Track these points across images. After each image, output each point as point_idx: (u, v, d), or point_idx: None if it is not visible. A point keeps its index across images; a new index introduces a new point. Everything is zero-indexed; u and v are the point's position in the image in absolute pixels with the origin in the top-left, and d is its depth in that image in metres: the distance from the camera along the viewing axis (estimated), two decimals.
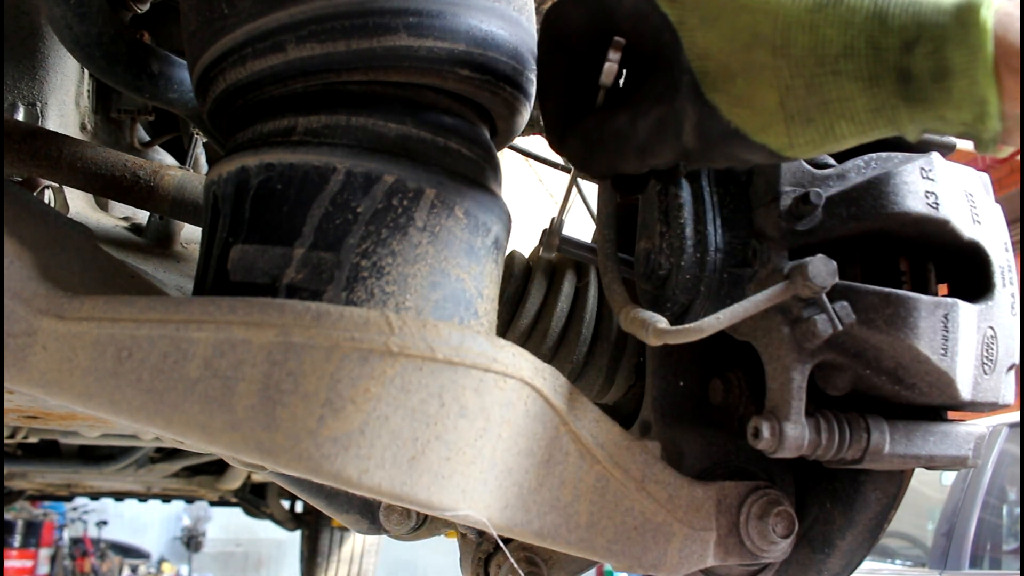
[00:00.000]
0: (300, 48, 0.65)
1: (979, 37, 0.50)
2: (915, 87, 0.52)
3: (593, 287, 0.97)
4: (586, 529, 0.65)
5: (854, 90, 0.53)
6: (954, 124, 0.53)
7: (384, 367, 0.56)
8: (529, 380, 0.61)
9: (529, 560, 0.84)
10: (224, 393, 0.56)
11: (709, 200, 0.74)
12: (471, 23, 0.66)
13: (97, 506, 9.49)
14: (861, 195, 0.71)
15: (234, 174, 0.67)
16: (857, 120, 0.53)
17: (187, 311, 0.58)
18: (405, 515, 0.93)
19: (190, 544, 10.77)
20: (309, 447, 0.56)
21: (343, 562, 4.27)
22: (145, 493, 4.87)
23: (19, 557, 8.86)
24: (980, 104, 0.50)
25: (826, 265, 0.65)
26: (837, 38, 0.52)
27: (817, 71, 0.53)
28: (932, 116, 0.53)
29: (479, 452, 0.60)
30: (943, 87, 0.51)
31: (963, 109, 0.51)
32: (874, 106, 0.53)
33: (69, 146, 0.93)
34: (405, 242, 0.65)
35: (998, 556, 3.57)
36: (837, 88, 0.53)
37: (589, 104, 0.67)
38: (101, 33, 0.91)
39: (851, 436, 0.72)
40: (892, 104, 0.52)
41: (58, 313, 0.61)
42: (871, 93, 0.52)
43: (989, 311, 0.75)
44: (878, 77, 0.52)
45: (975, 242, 0.75)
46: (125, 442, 2.59)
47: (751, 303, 0.66)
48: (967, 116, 0.51)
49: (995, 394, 0.75)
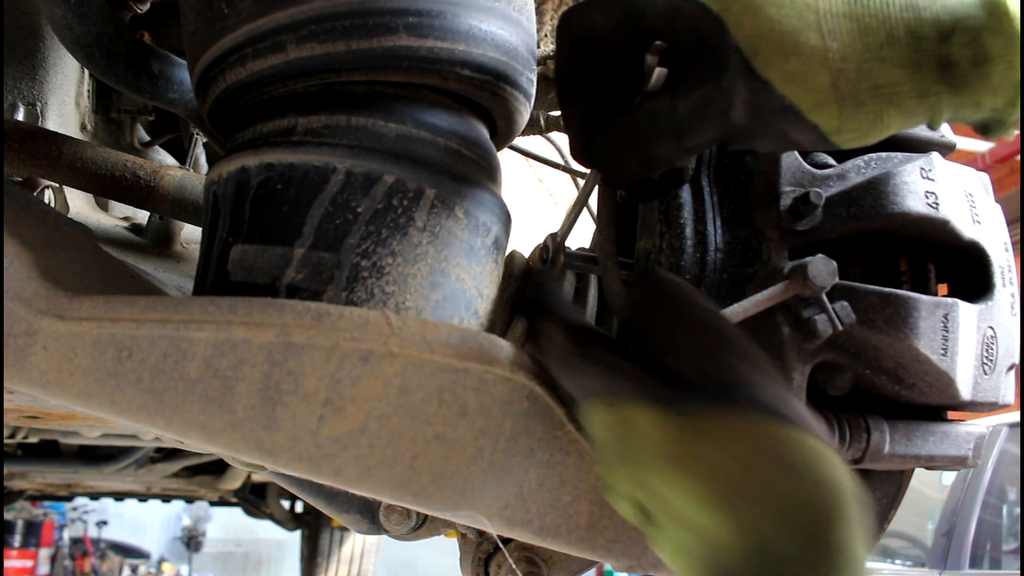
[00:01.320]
0: (300, 48, 0.65)
1: (1012, 25, 0.52)
2: (956, 73, 0.53)
3: (593, 288, 0.97)
4: (586, 529, 0.65)
5: (900, 76, 0.53)
6: (985, 109, 0.55)
7: (384, 367, 0.56)
8: (529, 380, 0.61)
9: (529, 560, 0.84)
10: (224, 393, 0.56)
11: (709, 200, 0.74)
12: (471, 23, 0.66)
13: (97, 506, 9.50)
14: (861, 195, 0.71)
15: (234, 174, 0.67)
16: (904, 107, 0.54)
17: (187, 311, 0.58)
18: (405, 515, 0.92)
19: (190, 544, 10.77)
20: (309, 447, 0.56)
21: (343, 562, 4.27)
22: (145, 493, 4.87)
23: (19, 557, 8.86)
24: (1015, 87, 0.53)
25: (826, 265, 0.65)
26: (879, 26, 0.53)
27: (865, 56, 0.53)
28: (969, 101, 0.54)
29: (479, 452, 0.60)
30: (983, 73, 0.53)
31: (999, 93, 0.53)
32: (919, 92, 0.54)
33: (69, 146, 0.93)
34: (405, 242, 0.65)
35: (998, 556, 3.57)
36: (884, 74, 0.53)
37: (617, 110, 0.66)
38: (101, 33, 0.91)
39: (851, 436, 0.72)
40: (936, 91, 0.54)
41: (58, 313, 0.61)
42: (915, 79, 0.53)
43: (989, 311, 0.75)
44: (920, 65, 0.53)
45: (975, 242, 0.75)
46: (125, 442, 2.59)
47: (751, 303, 0.66)
48: (1001, 100, 0.54)
49: (995, 394, 0.75)
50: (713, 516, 0.44)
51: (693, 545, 0.45)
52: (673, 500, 0.46)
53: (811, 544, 0.42)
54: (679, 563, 0.47)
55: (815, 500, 0.42)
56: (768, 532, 0.42)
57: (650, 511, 0.49)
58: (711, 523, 0.44)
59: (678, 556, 0.47)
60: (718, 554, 0.44)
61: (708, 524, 0.44)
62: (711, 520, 0.44)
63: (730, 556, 0.43)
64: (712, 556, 0.44)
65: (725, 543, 0.43)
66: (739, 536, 0.43)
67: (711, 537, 0.44)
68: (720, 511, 0.44)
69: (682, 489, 0.46)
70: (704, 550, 0.45)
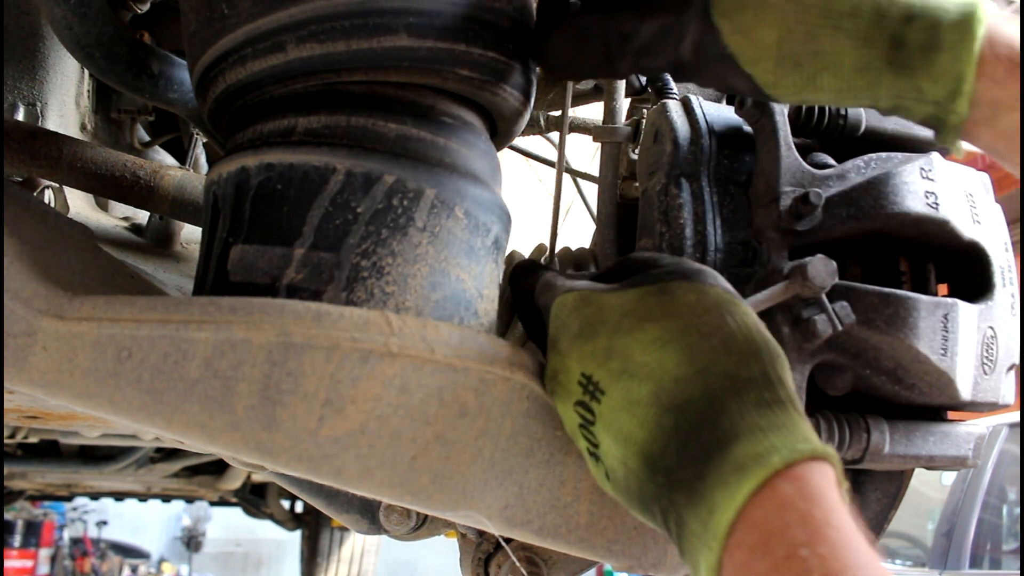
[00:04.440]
0: (300, 48, 0.65)
1: (972, 23, 0.54)
2: (903, 54, 0.55)
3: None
4: (586, 529, 0.65)
5: (846, 47, 0.56)
6: (927, 101, 0.56)
7: (384, 367, 0.56)
8: (529, 380, 0.61)
9: (529, 560, 0.84)
10: (224, 393, 0.56)
11: (709, 200, 0.74)
12: (471, 23, 0.66)
13: (97, 506, 9.49)
14: (861, 195, 0.71)
15: (234, 174, 0.67)
16: (840, 75, 0.57)
17: (187, 311, 0.58)
18: (405, 515, 0.92)
19: (190, 544, 10.77)
20: (309, 447, 0.56)
21: (343, 562, 4.27)
22: (145, 493, 4.87)
23: (19, 557, 8.85)
24: (956, 80, 0.54)
25: (826, 265, 0.65)
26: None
27: (819, 22, 0.56)
28: (910, 86, 0.56)
29: (479, 452, 0.60)
30: (928, 58, 0.54)
31: (939, 82, 0.55)
32: (859, 65, 0.56)
33: (69, 146, 0.93)
34: (405, 242, 0.65)
35: (998, 556, 3.57)
36: (832, 42, 0.56)
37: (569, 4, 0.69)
38: (101, 33, 0.91)
39: (851, 436, 0.72)
40: (876, 67, 0.56)
41: (58, 313, 0.61)
42: (860, 52, 0.56)
43: (989, 311, 0.75)
44: (872, 40, 0.55)
45: (975, 242, 0.75)
46: (125, 442, 2.59)
47: (751, 303, 0.66)
48: (941, 91, 0.55)
49: (995, 394, 0.75)
50: (670, 352, 0.53)
51: (641, 390, 0.53)
52: (634, 349, 0.55)
53: (742, 363, 0.52)
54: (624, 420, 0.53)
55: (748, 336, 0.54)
56: (712, 356, 0.53)
57: (598, 381, 0.55)
58: (667, 358, 0.53)
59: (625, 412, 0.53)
60: (666, 384, 0.52)
61: (664, 360, 0.53)
62: (667, 355, 0.53)
63: (677, 383, 0.52)
64: (660, 389, 0.52)
65: (675, 371, 0.53)
66: (690, 363, 0.53)
67: (663, 371, 0.53)
68: (677, 346, 0.53)
69: (644, 336, 0.55)
70: (653, 388, 0.53)
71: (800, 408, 0.51)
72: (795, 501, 0.44)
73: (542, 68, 0.74)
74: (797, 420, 0.49)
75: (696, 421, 0.50)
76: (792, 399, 0.51)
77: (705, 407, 0.50)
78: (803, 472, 0.45)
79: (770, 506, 0.44)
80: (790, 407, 0.50)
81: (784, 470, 0.45)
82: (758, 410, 0.49)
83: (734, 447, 0.47)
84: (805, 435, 0.48)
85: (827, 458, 0.47)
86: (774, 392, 0.51)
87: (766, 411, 0.49)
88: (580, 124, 1.20)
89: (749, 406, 0.50)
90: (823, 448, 0.47)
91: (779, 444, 0.46)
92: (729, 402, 0.50)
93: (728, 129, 0.77)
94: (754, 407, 0.49)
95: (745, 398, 0.50)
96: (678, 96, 0.82)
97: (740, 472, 0.46)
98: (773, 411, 0.49)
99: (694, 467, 0.48)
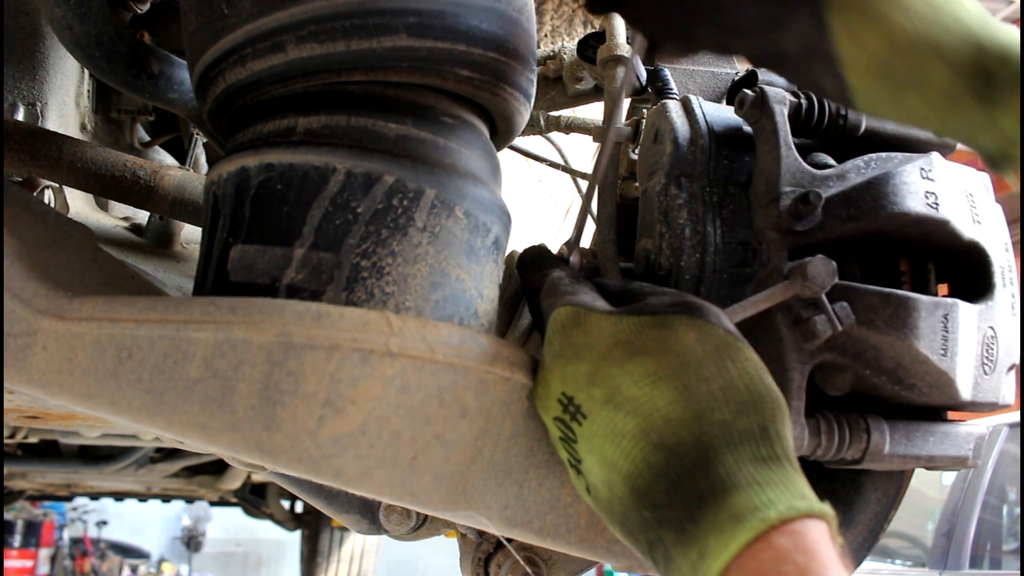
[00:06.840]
0: (300, 48, 0.65)
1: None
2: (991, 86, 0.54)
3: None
4: (586, 529, 0.65)
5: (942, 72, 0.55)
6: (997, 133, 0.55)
7: (384, 367, 0.56)
8: (529, 380, 0.61)
9: (529, 560, 0.84)
10: (224, 393, 0.56)
11: (709, 200, 0.74)
12: (471, 23, 0.66)
13: (97, 506, 9.48)
14: (861, 195, 0.71)
15: (234, 174, 0.67)
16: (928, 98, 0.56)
17: (187, 311, 0.58)
18: (405, 515, 0.92)
19: (190, 544, 10.76)
20: (309, 447, 0.56)
21: (343, 562, 4.27)
22: (145, 493, 4.87)
23: (19, 557, 8.85)
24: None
25: (826, 265, 0.65)
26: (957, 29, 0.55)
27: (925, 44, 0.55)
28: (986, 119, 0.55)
29: (479, 452, 0.60)
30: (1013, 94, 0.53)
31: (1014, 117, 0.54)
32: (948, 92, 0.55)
33: (69, 146, 0.93)
34: (405, 242, 0.65)
35: (998, 556, 3.57)
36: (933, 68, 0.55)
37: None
38: (101, 33, 0.91)
39: (851, 436, 0.72)
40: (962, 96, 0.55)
41: (58, 313, 0.61)
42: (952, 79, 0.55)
43: (989, 311, 0.75)
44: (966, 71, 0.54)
45: (975, 242, 0.75)
46: (125, 442, 2.59)
47: (750, 303, 0.66)
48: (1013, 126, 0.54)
49: (995, 394, 0.75)
50: (663, 389, 0.53)
51: (628, 424, 0.52)
52: (622, 380, 0.54)
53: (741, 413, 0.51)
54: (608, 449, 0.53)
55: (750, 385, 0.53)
56: (709, 403, 0.52)
57: (580, 404, 0.55)
58: (659, 396, 0.52)
59: (608, 441, 0.53)
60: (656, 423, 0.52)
61: (655, 397, 0.52)
62: (659, 393, 0.52)
63: (668, 423, 0.51)
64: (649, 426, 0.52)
65: (666, 411, 0.52)
66: (685, 405, 0.52)
67: (652, 408, 0.52)
68: (671, 385, 0.53)
69: (636, 369, 0.54)
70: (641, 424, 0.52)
71: (796, 464, 0.51)
72: (792, 555, 0.44)
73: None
74: (794, 477, 0.49)
75: (689, 466, 0.50)
76: (789, 456, 0.51)
77: (699, 453, 0.50)
78: (800, 527, 0.45)
79: (766, 558, 0.45)
80: (787, 464, 0.50)
81: (780, 525, 0.45)
82: (755, 465, 0.49)
83: (731, 496, 0.47)
84: (802, 492, 0.48)
85: (823, 516, 0.47)
86: (771, 448, 0.50)
87: (762, 467, 0.49)
88: (580, 124, 1.20)
89: (745, 460, 0.49)
90: (819, 506, 0.47)
91: (776, 499, 0.47)
92: (724, 453, 0.50)
93: (728, 129, 0.77)
94: (750, 462, 0.49)
95: (741, 452, 0.50)
96: (678, 96, 0.82)
97: (736, 522, 0.46)
98: (770, 467, 0.49)
99: (684, 508, 0.49)
